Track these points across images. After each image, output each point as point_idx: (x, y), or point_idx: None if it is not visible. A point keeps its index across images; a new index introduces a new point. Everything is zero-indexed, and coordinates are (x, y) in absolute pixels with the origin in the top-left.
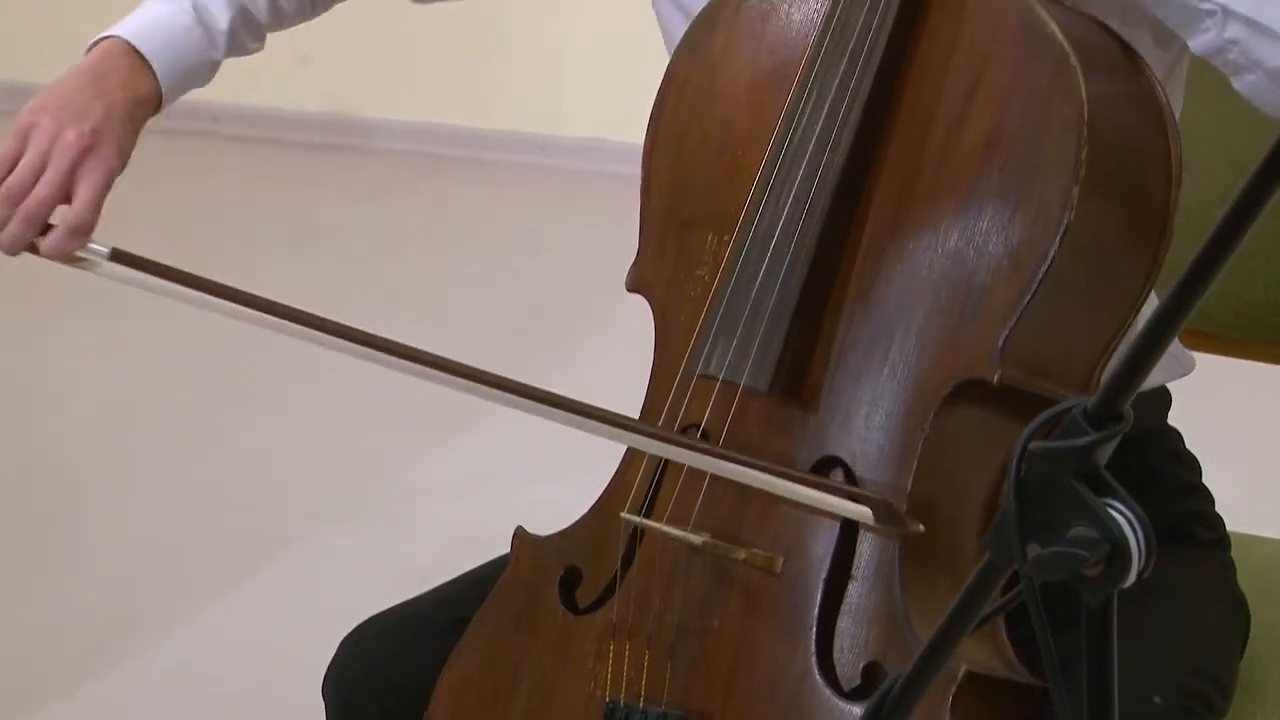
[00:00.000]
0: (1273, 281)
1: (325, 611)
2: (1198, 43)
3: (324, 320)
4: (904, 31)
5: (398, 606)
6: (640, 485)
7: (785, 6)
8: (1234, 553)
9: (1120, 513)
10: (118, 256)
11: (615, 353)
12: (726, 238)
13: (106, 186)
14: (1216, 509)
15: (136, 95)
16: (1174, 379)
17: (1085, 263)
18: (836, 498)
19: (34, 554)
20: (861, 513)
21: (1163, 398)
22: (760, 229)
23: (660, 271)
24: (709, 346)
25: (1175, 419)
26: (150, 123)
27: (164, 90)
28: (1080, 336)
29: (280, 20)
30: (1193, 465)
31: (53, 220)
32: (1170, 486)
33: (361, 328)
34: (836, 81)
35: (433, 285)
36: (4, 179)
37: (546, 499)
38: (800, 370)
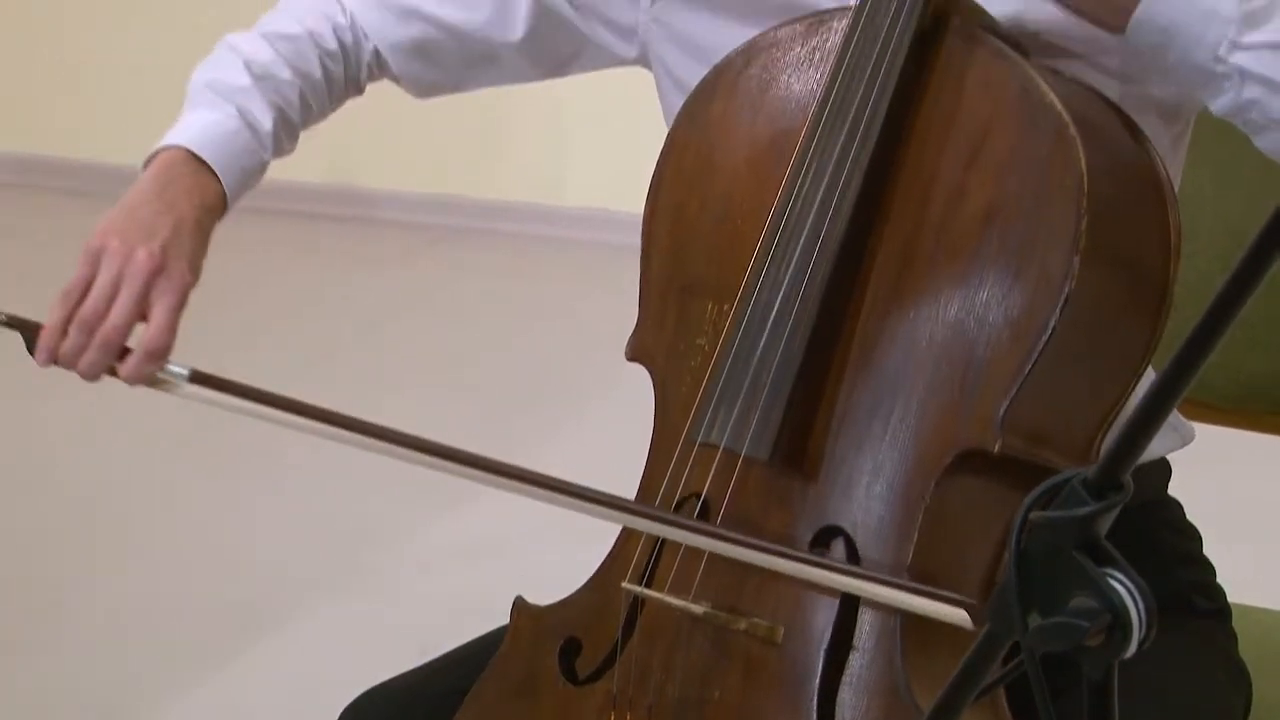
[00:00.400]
0: (1273, 350)
1: (325, 682)
2: (1217, 104)
3: (406, 436)
4: (904, 101)
5: (398, 678)
6: (641, 555)
7: (785, 76)
8: (1236, 625)
9: (1121, 583)
10: (197, 378)
11: (616, 422)
12: (727, 307)
13: (181, 305)
14: (1218, 580)
15: (203, 202)
16: (1174, 450)
17: (1086, 333)
18: (931, 601)
19: (30, 624)
20: (958, 616)
21: (1163, 469)
22: (761, 298)
23: (660, 340)
24: (710, 415)
25: (1176, 489)
26: None
27: (228, 193)
28: (1081, 406)
29: (308, 118)
30: (1193, 536)
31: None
32: (1171, 557)
33: (364, 397)
34: (837, 152)
35: (435, 354)
36: (77, 305)
37: (546, 569)
38: (801, 439)
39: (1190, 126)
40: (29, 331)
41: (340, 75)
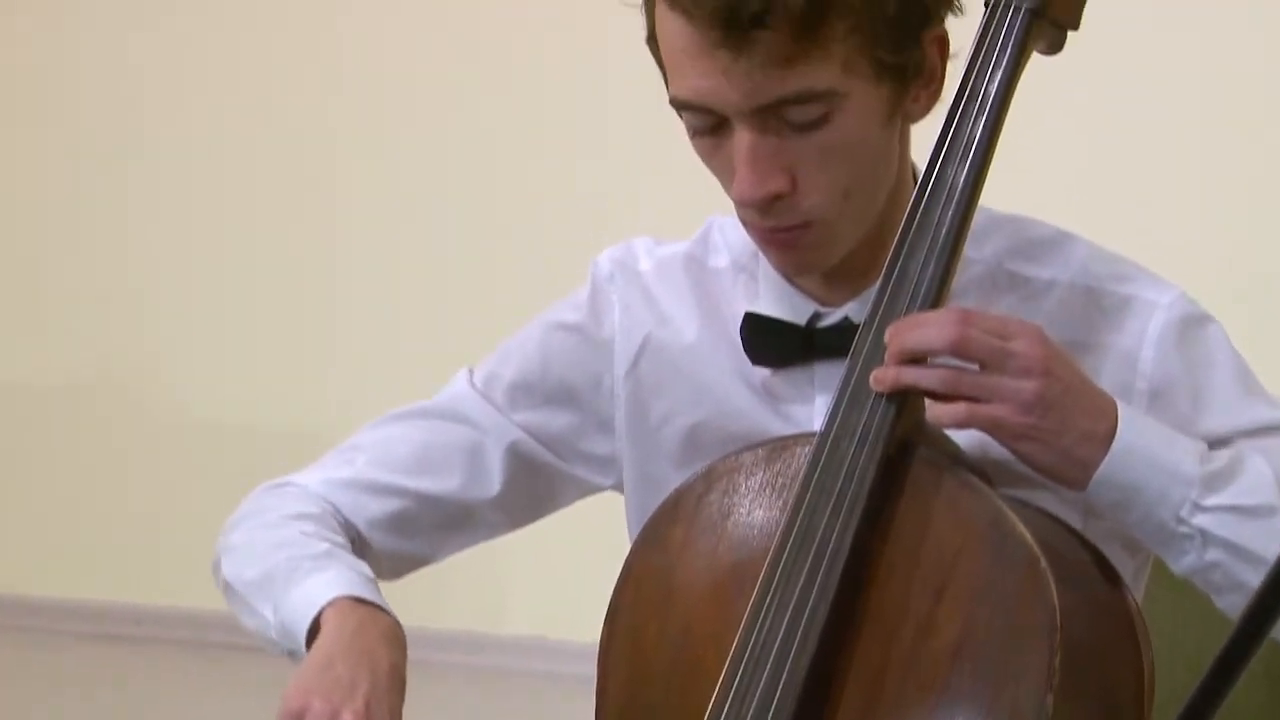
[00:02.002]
0: None
1: None
2: (1181, 565)
3: None
4: (870, 530)
5: None
6: None
7: (747, 503)
8: None
9: None
10: None
11: None
12: None
13: None
14: None
15: (391, 639)
16: None
17: None
18: None
19: None
20: None
21: None
22: None
23: None
24: None
25: None
26: (70, 627)
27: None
28: None
29: None
30: None
31: None
32: None
33: None
34: (801, 582)
35: None
36: None
37: None
38: None
39: (1151, 557)
40: None
41: (351, 549)
